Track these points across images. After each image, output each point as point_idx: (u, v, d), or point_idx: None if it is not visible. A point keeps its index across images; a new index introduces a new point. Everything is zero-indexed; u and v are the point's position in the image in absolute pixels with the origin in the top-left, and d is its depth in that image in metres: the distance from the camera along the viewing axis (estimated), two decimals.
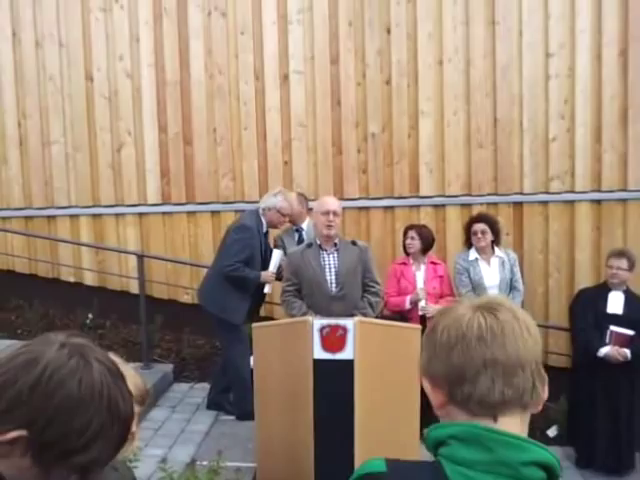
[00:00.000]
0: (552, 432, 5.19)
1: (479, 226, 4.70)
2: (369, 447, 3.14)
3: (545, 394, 0.98)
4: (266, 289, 4.67)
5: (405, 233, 4.87)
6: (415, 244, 4.71)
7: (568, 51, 5.57)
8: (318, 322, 3.26)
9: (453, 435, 0.93)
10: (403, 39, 5.74)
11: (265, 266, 4.62)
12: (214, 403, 4.92)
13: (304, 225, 5.01)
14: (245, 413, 4.51)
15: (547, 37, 5.58)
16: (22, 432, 0.90)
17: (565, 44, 5.57)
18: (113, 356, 1.74)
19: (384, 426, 3.25)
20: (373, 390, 3.24)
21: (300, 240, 4.86)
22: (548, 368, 4.43)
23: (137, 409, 1.69)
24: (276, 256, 4.54)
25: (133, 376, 1.69)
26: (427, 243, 4.76)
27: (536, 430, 5.20)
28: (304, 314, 3.85)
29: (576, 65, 5.57)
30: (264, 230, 4.69)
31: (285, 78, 5.87)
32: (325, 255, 4.05)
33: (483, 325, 0.95)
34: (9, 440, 0.90)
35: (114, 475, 1.66)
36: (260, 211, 4.67)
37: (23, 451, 0.91)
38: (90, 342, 1.01)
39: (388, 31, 5.75)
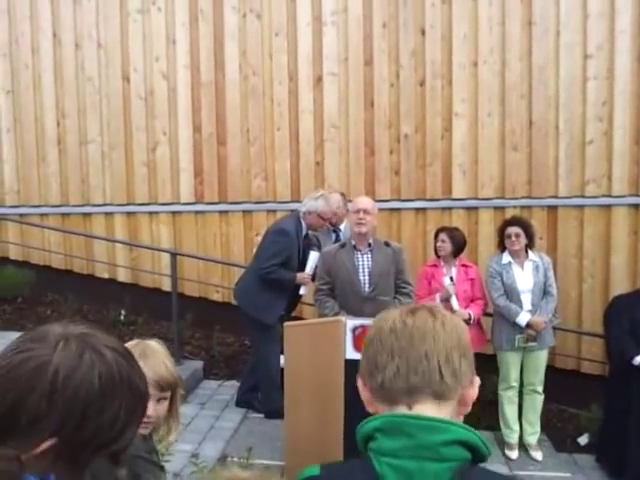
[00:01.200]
0: (583, 440, 5.09)
1: (513, 229, 4.63)
2: None
3: (470, 390, 1.01)
4: (302, 291, 4.69)
5: (436, 235, 4.84)
6: (446, 247, 4.67)
7: (607, 52, 5.46)
8: (351, 322, 3.27)
9: (377, 428, 0.95)
10: (438, 40, 5.70)
11: (302, 268, 4.63)
12: (243, 401, 4.96)
13: (342, 226, 5.01)
14: (272, 411, 4.54)
15: (585, 38, 5.48)
16: (52, 441, 0.87)
17: (604, 45, 5.47)
18: (157, 344, 1.80)
19: None
20: None
21: (337, 241, 4.87)
22: (580, 375, 4.31)
23: (162, 394, 1.72)
24: (313, 258, 4.54)
25: (160, 369, 1.73)
26: (458, 246, 4.72)
27: (567, 438, 5.13)
28: (336, 314, 3.86)
29: (615, 66, 5.46)
30: (304, 233, 4.70)
31: (319, 79, 5.89)
32: (359, 255, 4.05)
33: (397, 320, 1.02)
34: (41, 452, 0.86)
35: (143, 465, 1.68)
36: (301, 214, 4.66)
37: (55, 457, 0.88)
38: (90, 328, 0.96)
39: (422, 32, 5.72)
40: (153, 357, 1.73)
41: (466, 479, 0.90)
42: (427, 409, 0.97)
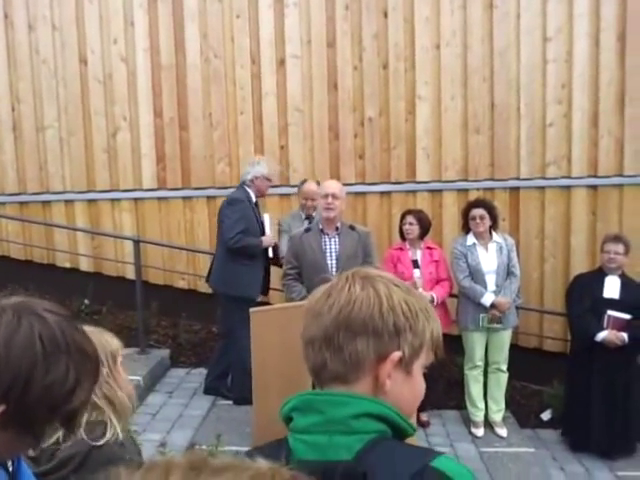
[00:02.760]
0: (546, 416, 5.24)
1: (477, 211, 4.69)
2: None
3: (383, 368, 0.94)
4: (270, 253, 4.74)
5: (402, 218, 4.86)
6: (414, 229, 4.71)
7: (566, 35, 5.54)
8: None
9: (293, 407, 0.97)
10: (400, 23, 5.69)
11: (262, 234, 4.72)
12: (211, 388, 4.93)
13: (314, 214, 5.00)
14: (242, 398, 4.52)
15: (545, 21, 5.54)
16: (1, 408, 0.89)
17: (563, 28, 5.54)
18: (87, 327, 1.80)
19: None
20: None
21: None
22: (543, 353, 4.42)
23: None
24: (267, 220, 4.69)
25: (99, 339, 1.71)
26: (425, 228, 4.78)
27: (530, 414, 5.27)
28: (303, 298, 3.86)
29: (574, 50, 5.54)
30: (254, 201, 4.76)
31: (281, 62, 5.82)
32: (326, 239, 4.06)
33: (311, 298, 1.01)
34: None
35: (120, 450, 1.68)
36: (248, 182, 4.74)
37: (5, 423, 0.90)
38: (27, 297, 0.99)
39: (385, 14, 5.70)
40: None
41: (374, 449, 0.90)
42: (335, 390, 0.97)
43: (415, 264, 4.68)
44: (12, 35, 6.03)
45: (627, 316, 4.52)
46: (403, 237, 4.84)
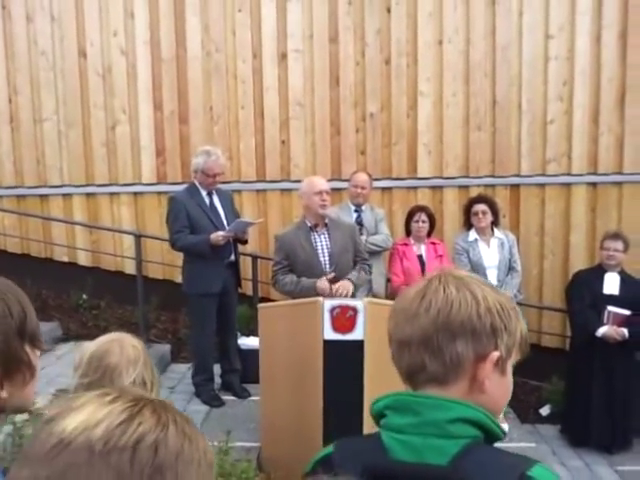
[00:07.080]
0: (545, 411, 5.28)
1: (480, 207, 4.71)
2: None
3: (482, 368, 0.96)
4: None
5: (412, 215, 4.84)
6: (426, 227, 4.75)
7: (568, 33, 5.56)
8: (328, 303, 3.26)
9: (387, 405, 0.98)
10: (403, 18, 5.68)
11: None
12: (224, 383, 4.89)
13: (363, 206, 4.90)
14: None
15: (547, 18, 5.56)
16: None
17: (565, 26, 5.56)
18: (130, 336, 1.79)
19: None
20: (383, 371, 3.24)
21: (359, 219, 4.81)
22: (541, 349, 4.44)
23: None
24: (236, 221, 4.45)
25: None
26: (433, 225, 4.83)
27: (529, 409, 5.31)
28: (298, 284, 3.84)
29: (575, 47, 5.56)
30: (204, 192, 4.56)
31: (283, 57, 5.79)
32: (316, 236, 3.99)
33: (401, 301, 1.03)
34: None
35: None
36: (193, 175, 4.60)
37: None
38: None
39: (388, 10, 5.69)
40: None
41: (470, 455, 0.91)
42: (429, 391, 0.98)
43: (420, 259, 4.69)
44: (10, 26, 5.95)
45: (627, 312, 4.56)
46: (408, 233, 4.84)
